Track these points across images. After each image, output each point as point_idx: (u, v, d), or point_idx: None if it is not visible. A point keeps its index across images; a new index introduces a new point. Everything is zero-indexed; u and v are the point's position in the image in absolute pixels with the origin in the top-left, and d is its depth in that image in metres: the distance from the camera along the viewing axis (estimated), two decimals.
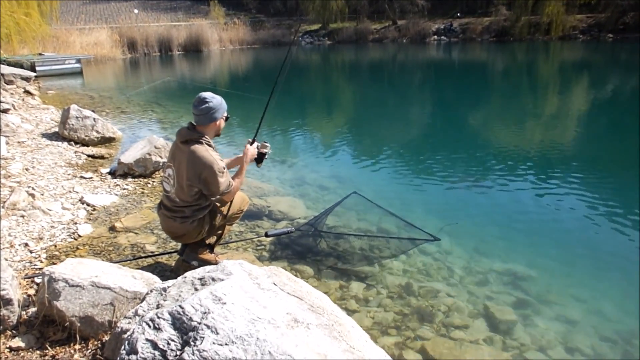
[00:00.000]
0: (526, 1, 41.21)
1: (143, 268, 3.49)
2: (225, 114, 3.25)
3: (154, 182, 5.68)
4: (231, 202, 3.39)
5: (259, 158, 3.60)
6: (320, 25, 53.40)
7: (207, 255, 3.42)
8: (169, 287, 2.30)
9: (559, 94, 15.07)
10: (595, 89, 15.50)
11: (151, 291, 2.37)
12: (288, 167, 6.84)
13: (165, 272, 3.55)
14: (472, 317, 3.27)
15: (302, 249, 4.12)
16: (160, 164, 5.87)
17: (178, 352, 1.73)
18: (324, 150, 7.88)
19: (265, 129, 9.57)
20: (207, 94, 3.14)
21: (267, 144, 3.67)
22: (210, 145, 3.15)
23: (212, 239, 3.42)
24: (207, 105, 3.09)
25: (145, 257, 3.77)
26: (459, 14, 50.07)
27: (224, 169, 3.14)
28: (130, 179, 5.72)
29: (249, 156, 3.47)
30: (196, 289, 2.19)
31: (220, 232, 3.44)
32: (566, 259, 4.19)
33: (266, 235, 4.02)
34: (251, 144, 3.54)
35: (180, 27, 39.97)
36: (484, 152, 7.72)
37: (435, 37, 46.31)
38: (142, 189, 5.44)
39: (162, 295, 2.28)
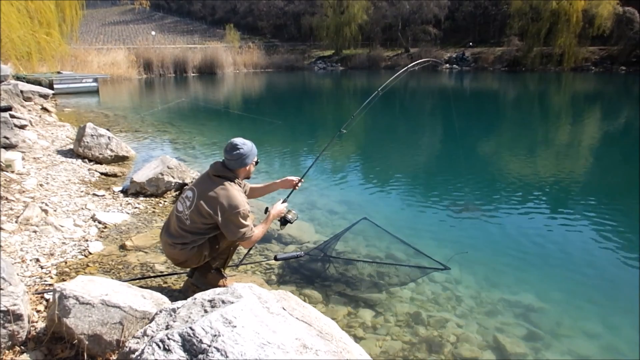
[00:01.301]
0: (538, 32, 41.64)
1: (152, 288, 3.49)
2: (256, 159, 3.34)
3: (165, 201, 5.73)
4: None
5: (283, 221, 3.66)
6: (334, 51, 54.20)
7: (215, 279, 3.42)
8: (178, 308, 2.30)
9: (570, 125, 15.07)
10: (607, 120, 15.49)
11: (160, 311, 2.37)
12: (298, 191, 6.77)
13: (174, 293, 3.54)
14: (481, 349, 3.23)
15: (311, 273, 4.11)
16: (173, 184, 5.93)
17: None
18: (335, 174, 7.91)
19: (277, 152, 9.65)
20: (239, 140, 3.22)
21: (294, 212, 3.72)
22: (241, 187, 3.24)
23: (219, 263, 3.42)
24: (238, 151, 3.17)
25: (155, 276, 3.78)
26: (471, 44, 50.61)
27: (250, 213, 3.19)
28: (142, 198, 5.77)
29: (276, 211, 3.53)
30: (206, 311, 2.19)
31: (225, 256, 3.44)
32: (578, 291, 4.13)
33: (275, 258, 4.02)
34: (283, 202, 3.64)
35: (196, 49, 40.83)
36: (495, 181, 7.70)
37: (447, 65, 46.69)
38: (154, 208, 5.48)
39: (171, 316, 2.28)
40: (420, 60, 5.17)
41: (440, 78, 36.24)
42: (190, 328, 1.84)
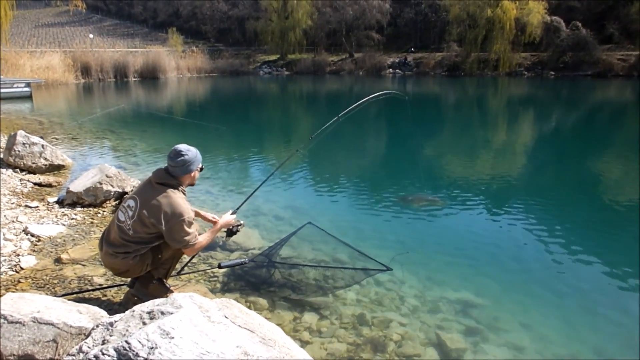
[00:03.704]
0: (475, 39, 43.53)
1: (90, 302, 3.35)
2: (200, 165, 3.30)
3: (104, 211, 5.52)
4: None
5: (230, 232, 3.64)
6: (279, 56, 54.20)
7: (157, 289, 3.34)
8: (116, 321, 2.23)
9: (507, 127, 15.84)
10: (540, 123, 16.39)
11: (97, 326, 2.29)
12: (243, 197, 6.79)
13: (114, 306, 3.43)
14: (423, 346, 3.33)
15: (256, 280, 4.09)
16: (112, 193, 5.73)
17: None
18: (280, 179, 7.90)
19: (222, 158, 9.53)
20: (183, 147, 3.17)
21: (242, 223, 3.72)
22: (184, 195, 3.19)
23: (161, 272, 3.34)
24: (182, 158, 3.12)
25: (93, 290, 3.64)
26: (412, 49, 52.13)
27: (194, 221, 3.15)
28: (79, 209, 5.53)
29: (224, 222, 3.50)
30: (144, 323, 2.14)
31: (168, 265, 3.37)
32: (514, 285, 4.34)
33: (219, 266, 3.97)
34: (232, 213, 3.61)
35: (137, 53, 39.60)
36: (435, 181, 7.94)
37: (390, 70, 47.87)
38: (92, 218, 5.27)
39: (108, 330, 2.21)
40: (383, 92, 5.33)
41: (384, 82, 37.04)
42: (126, 342, 1.80)
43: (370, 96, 4.99)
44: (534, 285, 4.37)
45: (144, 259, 3.12)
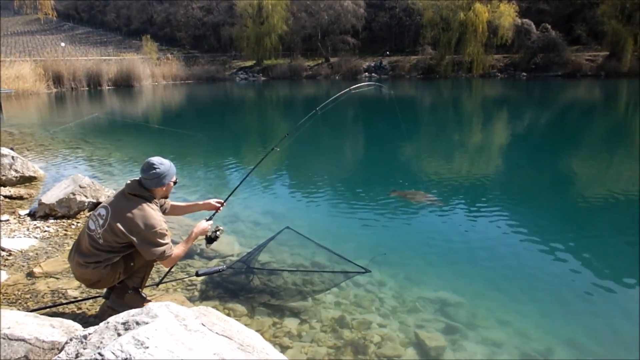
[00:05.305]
0: (449, 42, 44.27)
1: (65, 316, 3.29)
2: (174, 178, 3.27)
3: (78, 223, 5.42)
4: None
5: (209, 239, 3.61)
6: (255, 62, 54.10)
7: (133, 299, 3.28)
8: (90, 334, 2.19)
9: (482, 127, 16.10)
10: (514, 123, 16.71)
11: (70, 340, 2.24)
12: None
13: (89, 319, 3.36)
14: (403, 346, 3.35)
15: (235, 286, 4.06)
16: (86, 204, 5.63)
17: None
18: (258, 184, 7.87)
19: (199, 166, 9.45)
20: (156, 160, 3.13)
21: (221, 229, 3.68)
22: (158, 206, 3.16)
23: (136, 281, 3.29)
24: (155, 171, 3.09)
25: (67, 303, 3.56)
26: (388, 53, 52.66)
27: (167, 232, 3.11)
28: (52, 221, 5.41)
29: (199, 230, 3.46)
30: (119, 334, 2.11)
31: (142, 273, 3.31)
32: (491, 283, 4.40)
33: (197, 274, 3.93)
34: (207, 220, 3.58)
35: (111, 61, 39.03)
36: (412, 183, 8.01)
37: (367, 74, 48.25)
38: (65, 230, 5.17)
39: (82, 343, 2.17)
40: (363, 84, 5.32)
41: None
42: (99, 354, 1.77)
43: (349, 89, 5.00)
44: (510, 282, 4.44)
45: (115, 267, 3.07)
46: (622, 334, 3.59)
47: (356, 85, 5.15)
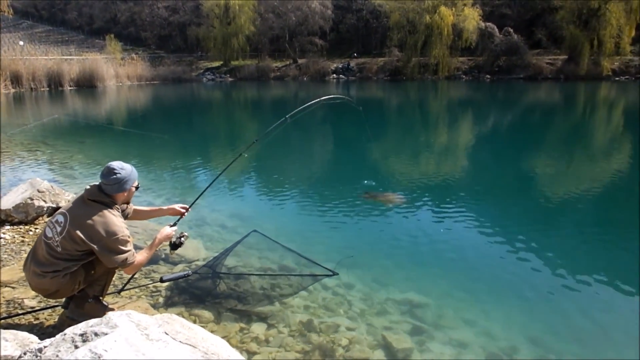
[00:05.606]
0: (415, 44, 44.93)
1: (20, 327, 3.14)
2: (136, 183, 3.18)
3: (37, 229, 5.22)
4: None
5: (173, 245, 3.54)
6: (222, 63, 53.54)
7: (94, 308, 3.17)
8: (45, 347, 2.10)
9: (448, 128, 16.39)
10: (478, 124, 17.09)
11: (25, 353, 2.15)
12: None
13: (47, 330, 3.23)
14: (371, 349, 3.35)
15: (201, 292, 3.99)
16: (45, 209, 5.42)
17: None
18: (225, 187, 7.77)
19: (164, 168, 9.27)
20: (116, 165, 3.03)
21: (185, 234, 3.62)
22: (119, 212, 3.07)
23: (97, 290, 3.18)
24: (116, 176, 2.99)
25: (24, 313, 3.41)
26: (355, 55, 53.03)
27: (129, 238, 3.02)
28: (8, 227, 5.19)
29: (162, 236, 3.38)
30: (76, 347, 2.02)
31: (103, 281, 3.20)
32: (457, 283, 4.46)
33: (161, 280, 3.83)
34: (172, 226, 3.50)
35: (73, 61, 37.91)
36: (378, 184, 8.06)
37: (334, 75, 48.46)
38: (23, 237, 4.97)
39: (37, 357, 2.08)
40: (333, 95, 5.34)
41: (329, 87, 37.37)
42: None
43: (319, 99, 5.00)
44: (475, 282, 4.51)
45: (75, 276, 2.96)
46: (581, 330, 3.70)
47: (327, 97, 5.19)
